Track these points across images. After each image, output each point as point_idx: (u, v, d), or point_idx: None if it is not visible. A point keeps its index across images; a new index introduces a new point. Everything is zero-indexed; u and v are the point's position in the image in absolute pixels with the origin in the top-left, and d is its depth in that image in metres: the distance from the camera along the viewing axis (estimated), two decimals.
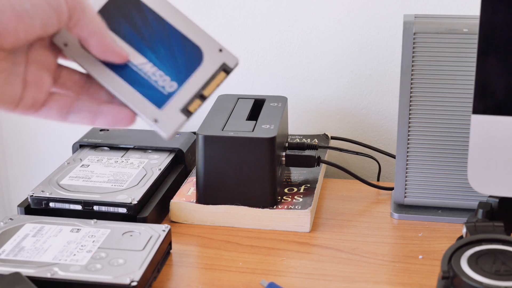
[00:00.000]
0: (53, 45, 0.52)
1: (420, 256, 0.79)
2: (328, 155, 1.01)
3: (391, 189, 0.93)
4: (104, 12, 0.54)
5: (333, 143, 1.05)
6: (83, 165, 0.93)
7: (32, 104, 0.50)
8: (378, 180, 1.05)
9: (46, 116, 0.51)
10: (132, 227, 0.78)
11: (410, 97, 0.84)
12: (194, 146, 0.98)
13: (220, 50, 0.54)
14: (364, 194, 0.94)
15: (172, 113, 0.52)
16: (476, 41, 0.67)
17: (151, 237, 0.76)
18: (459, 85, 0.82)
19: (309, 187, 0.91)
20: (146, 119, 0.52)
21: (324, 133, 1.07)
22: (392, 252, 0.81)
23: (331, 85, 1.08)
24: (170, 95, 0.53)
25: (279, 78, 1.09)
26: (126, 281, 0.68)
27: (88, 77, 0.53)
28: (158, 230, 0.77)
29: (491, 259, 0.63)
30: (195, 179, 0.88)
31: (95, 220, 0.80)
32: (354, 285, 0.74)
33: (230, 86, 1.08)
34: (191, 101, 0.53)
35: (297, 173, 0.94)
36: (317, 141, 1.03)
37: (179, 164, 0.97)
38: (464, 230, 0.68)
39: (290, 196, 0.88)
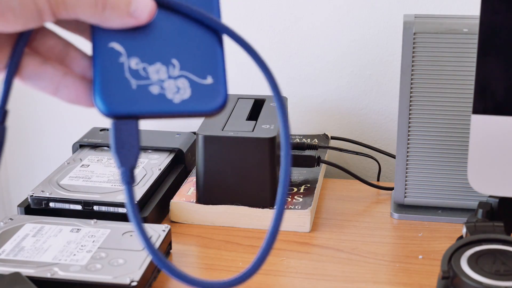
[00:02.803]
0: None
1: (420, 256, 0.79)
2: (328, 155, 1.01)
3: (391, 189, 0.93)
4: None
5: (333, 143, 1.05)
6: (83, 165, 0.93)
7: None
8: (378, 180, 1.05)
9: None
10: (132, 227, 0.78)
11: (410, 97, 0.84)
12: (194, 146, 0.98)
13: None
14: (364, 194, 0.94)
15: None
16: (476, 41, 0.67)
17: (151, 237, 0.76)
18: (459, 85, 0.82)
19: (309, 187, 0.91)
20: None
21: (324, 133, 1.07)
22: (392, 252, 0.81)
23: (331, 85, 1.08)
24: None
25: (279, 78, 1.08)
26: (126, 281, 0.68)
27: (67, 43, 0.45)
28: (158, 230, 0.77)
29: (491, 259, 0.63)
30: (195, 179, 0.88)
31: (95, 220, 0.80)
32: (354, 285, 0.74)
33: (230, 86, 1.08)
34: None
35: (297, 173, 0.94)
36: (317, 141, 1.03)
37: (179, 164, 0.97)
38: (464, 230, 0.68)
39: (290, 196, 0.88)
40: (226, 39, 0.45)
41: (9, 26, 0.42)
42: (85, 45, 0.45)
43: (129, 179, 0.42)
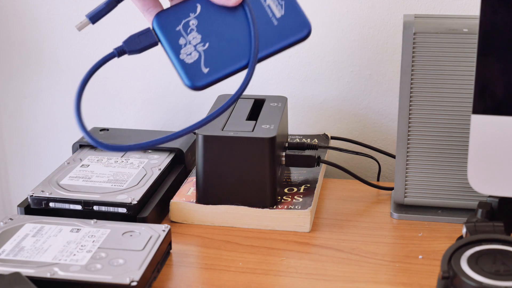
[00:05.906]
0: None
1: (420, 256, 0.79)
2: (328, 155, 1.01)
3: (391, 189, 0.93)
4: None
5: (333, 143, 1.05)
6: (83, 165, 0.93)
7: None
8: (378, 180, 1.05)
9: None
10: (132, 227, 0.78)
11: (410, 97, 0.84)
12: (194, 146, 0.98)
13: None
14: (364, 194, 0.94)
15: None
16: (476, 41, 0.67)
17: (151, 237, 0.76)
18: (459, 85, 0.82)
19: (309, 187, 0.91)
20: None
21: (324, 133, 1.07)
22: (392, 252, 0.81)
23: (331, 85, 1.08)
24: None
25: (279, 78, 1.09)
26: (126, 281, 0.68)
27: None
28: (158, 230, 0.77)
29: (491, 259, 0.63)
30: (195, 179, 0.88)
31: (95, 220, 0.80)
32: (354, 285, 0.74)
33: (230, 86, 1.08)
34: None
35: (297, 173, 0.94)
36: (317, 141, 1.03)
37: (179, 164, 0.97)
38: (464, 230, 0.68)
39: (290, 196, 0.88)
40: None
41: None
42: None
43: None
